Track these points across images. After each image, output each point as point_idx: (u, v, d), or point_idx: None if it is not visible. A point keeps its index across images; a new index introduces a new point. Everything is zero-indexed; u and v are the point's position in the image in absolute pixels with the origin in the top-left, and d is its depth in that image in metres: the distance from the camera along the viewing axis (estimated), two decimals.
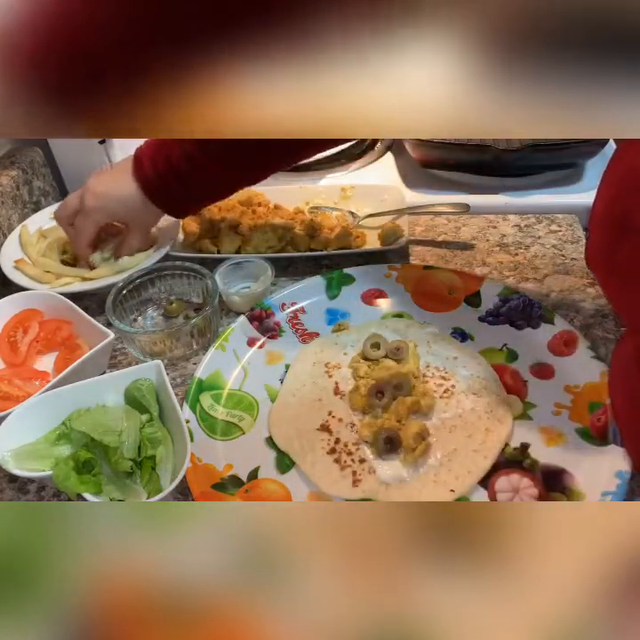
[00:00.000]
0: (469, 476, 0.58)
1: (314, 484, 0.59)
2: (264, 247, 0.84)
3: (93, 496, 0.56)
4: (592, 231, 0.58)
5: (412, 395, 0.64)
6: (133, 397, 0.63)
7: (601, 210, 0.55)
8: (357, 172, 1.03)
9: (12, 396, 0.68)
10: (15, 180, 0.91)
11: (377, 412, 0.63)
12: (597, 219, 0.56)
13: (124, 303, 0.76)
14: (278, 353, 0.73)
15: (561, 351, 0.69)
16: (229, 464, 0.62)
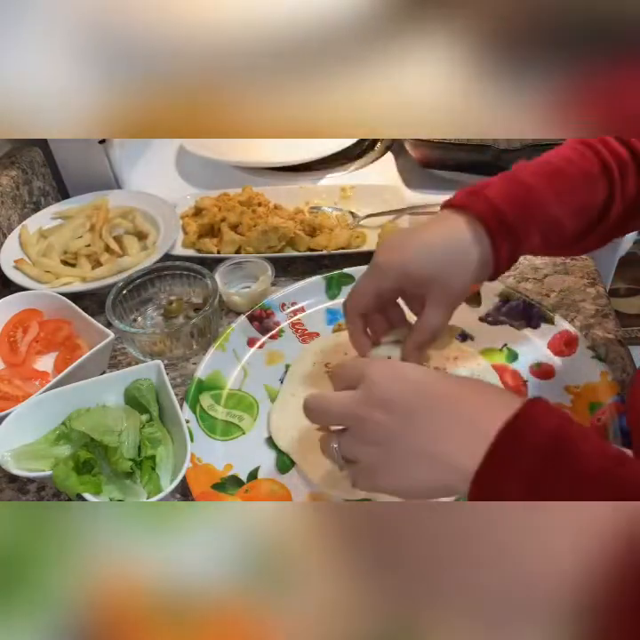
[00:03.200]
0: None
1: (314, 484, 0.59)
2: (264, 247, 0.84)
3: (93, 496, 0.56)
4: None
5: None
6: (133, 397, 0.63)
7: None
8: (357, 172, 1.03)
9: (11, 395, 0.68)
10: (15, 179, 0.91)
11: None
12: None
13: (123, 303, 0.76)
14: (278, 353, 0.73)
15: (561, 351, 0.69)
16: (229, 464, 0.62)
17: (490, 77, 0.42)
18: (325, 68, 0.42)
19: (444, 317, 0.55)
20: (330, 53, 0.42)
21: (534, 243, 0.55)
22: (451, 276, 0.53)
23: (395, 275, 0.54)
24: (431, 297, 0.54)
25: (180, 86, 0.43)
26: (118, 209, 0.89)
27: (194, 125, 0.45)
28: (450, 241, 0.53)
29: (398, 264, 0.54)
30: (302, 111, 0.44)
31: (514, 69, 0.42)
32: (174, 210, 0.90)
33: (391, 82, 0.43)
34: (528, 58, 0.41)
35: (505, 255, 0.54)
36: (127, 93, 0.42)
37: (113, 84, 0.42)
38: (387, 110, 0.44)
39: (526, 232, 0.53)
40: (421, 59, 0.42)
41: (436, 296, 0.54)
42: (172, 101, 0.43)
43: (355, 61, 0.42)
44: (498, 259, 0.54)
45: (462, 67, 0.42)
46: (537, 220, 0.53)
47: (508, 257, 0.54)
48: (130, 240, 0.85)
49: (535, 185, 0.54)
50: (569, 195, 0.54)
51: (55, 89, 0.42)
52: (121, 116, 0.43)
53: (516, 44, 0.41)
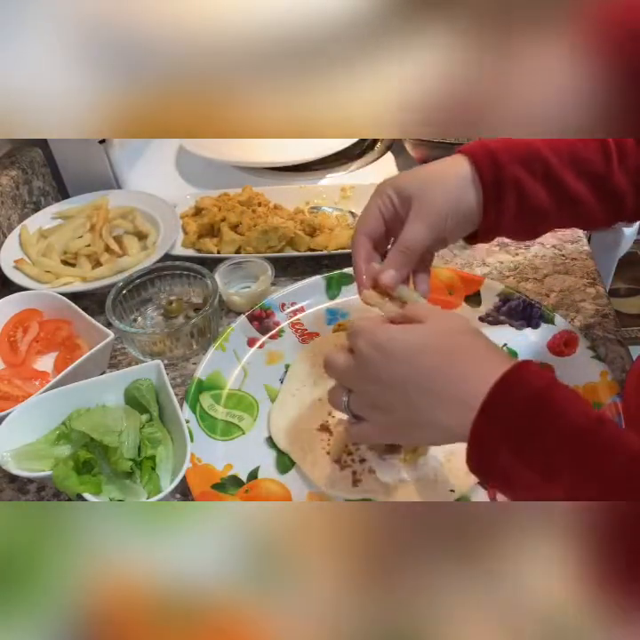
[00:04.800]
0: (469, 476, 0.58)
1: (314, 484, 0.59)
2: (264, 247, 0.84)
3: (93, 496, 0.56)
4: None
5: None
6: (133, 397, 0.63)
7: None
8: (357, 172, 1.03)
9: (11, 395, 0.68)
10: (15, 179, 0.91)
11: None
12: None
13: (123, 303, 0.76)
14: (278, 353, 0.73)
15: (561, 351, 0.69)
16: (229, 464, 0.62)
17: (490, 77, 0.42)
18: (325, 67, 0.42)
19: (423, 233, 0.56)
20: (329, 53, 0.42)
21: (532, 188, 0.56)
22: (431, 193, 0.56)
23: (390, 189, 0.58)
24: (412, 212, 0.57)
25: (179, 86, 0.43)
26: (118, 209, 0.89)
27: (194, 125, 0.45)
28: (440, 166, 0.58)
29: (393, 181, 0.58)
30: (302, 111, 0.44)
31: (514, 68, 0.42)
32: (174, 210, 0.90)
33: (391, 82, 0.43)
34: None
35: (490, 185, 0.56)
36: (127, 93, 0.42)
37: (113, 83, 0.42)
38: (386, 110, 0.44)
39: (519, 181, 0.56)
40: (421, 58, 0.42)
41: (415, 210, 0.56)
42: (171, 101, 0.43)
43: (354, 61, 0.42)
44: (485, 187, 0.56)
45: (462, 67, 0.42)
46: (531, 163, 0.56)
47: (496, 193, 0.56)
48: (130, 240, 0.85)
49: (535, 141, 0.56)
50: (568, 155, 0.56)
51: (55, 89, 0.42)
52: (121, 115, 0.43)
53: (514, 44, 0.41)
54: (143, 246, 0.85)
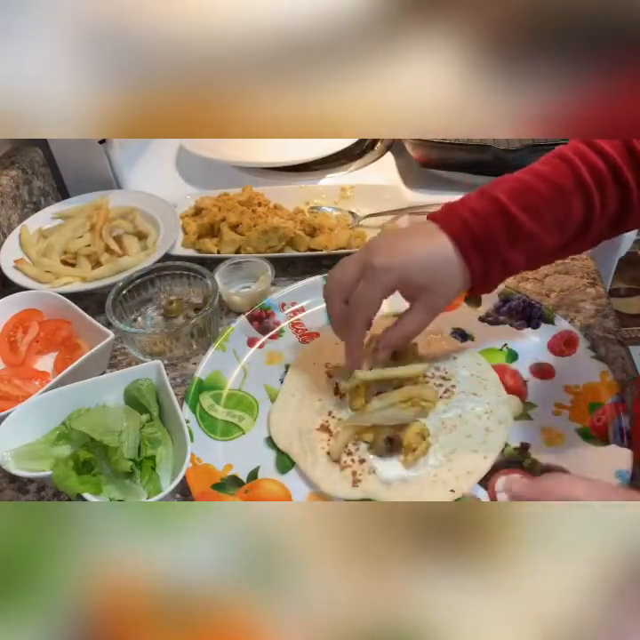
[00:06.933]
0: (469, 476, 0.58)
1: (314, 483, 0.59)
2: (264, 247, 0.84)
3: (93, 496, 0.56)
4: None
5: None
6: (133, 397, 0.63)
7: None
8: (357, 172, 1.03)
9: (11, 395, 0.68)
10: (15, 179, 0.91)
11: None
12: None
13: (123, 303, 0.76)
14: (278, 353, 0.73)
15: (561, 351, 0.69)
16: (229, 464, 0.62)
17: (490, 77, 0.42)
18: (325, 68, 0.42)
19: (424, 324, 0.61)
20: (329, 53, 0.42)
21: (514, 258, 0.58)
22: (441, 287, 0.59)
23: (398, 275, 0.58)
24: (419, 303, 0.59)
25: (179, 86, 0.43)
26: (118, 209, 0.89)
27: (194, 125, 0.44)
28: (439, 257, 0.58)
29: (402, 267, 0.58)
30: (302, 111, 0.44)
31: (513, 69, 0.42)
32: (174, 210, 0.90)
33: (391, 82, 0.43)
34: (528, 58, 0.41)
35: (478, 270, 0.58)
36: (127, 93, 0.42)
37: (113, 83, 0.42)
38: (387, 110, 0.44)
39: (496, 246, 0.57)
40: (421, 59, 0.42)
41: (423, 302, 0.59)
42: (171, 101, 0.43)
43: (354, 61, 0.42)
44: (473, 273, 0.58)
45: (462, 67, 0.42)
46: (510, 235, 0.57)
47: (483, 272, 0.58)
48: (130, 240, 0.85)
49: (506, 201, 0.57)
50: (541, 211, 0.57)
51: (55, 89, 0.42)
52: (121, 115, 0.43)
53: (515, 45, 0.41)
54: (143, 246, 0.85)
